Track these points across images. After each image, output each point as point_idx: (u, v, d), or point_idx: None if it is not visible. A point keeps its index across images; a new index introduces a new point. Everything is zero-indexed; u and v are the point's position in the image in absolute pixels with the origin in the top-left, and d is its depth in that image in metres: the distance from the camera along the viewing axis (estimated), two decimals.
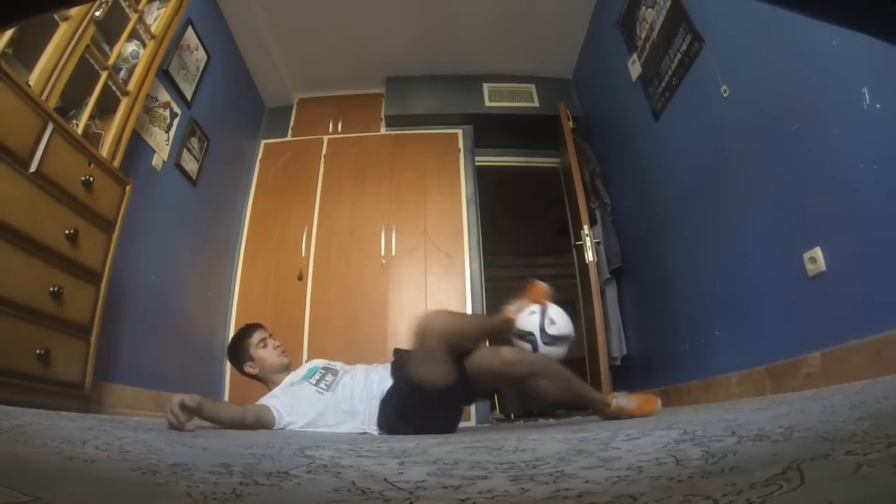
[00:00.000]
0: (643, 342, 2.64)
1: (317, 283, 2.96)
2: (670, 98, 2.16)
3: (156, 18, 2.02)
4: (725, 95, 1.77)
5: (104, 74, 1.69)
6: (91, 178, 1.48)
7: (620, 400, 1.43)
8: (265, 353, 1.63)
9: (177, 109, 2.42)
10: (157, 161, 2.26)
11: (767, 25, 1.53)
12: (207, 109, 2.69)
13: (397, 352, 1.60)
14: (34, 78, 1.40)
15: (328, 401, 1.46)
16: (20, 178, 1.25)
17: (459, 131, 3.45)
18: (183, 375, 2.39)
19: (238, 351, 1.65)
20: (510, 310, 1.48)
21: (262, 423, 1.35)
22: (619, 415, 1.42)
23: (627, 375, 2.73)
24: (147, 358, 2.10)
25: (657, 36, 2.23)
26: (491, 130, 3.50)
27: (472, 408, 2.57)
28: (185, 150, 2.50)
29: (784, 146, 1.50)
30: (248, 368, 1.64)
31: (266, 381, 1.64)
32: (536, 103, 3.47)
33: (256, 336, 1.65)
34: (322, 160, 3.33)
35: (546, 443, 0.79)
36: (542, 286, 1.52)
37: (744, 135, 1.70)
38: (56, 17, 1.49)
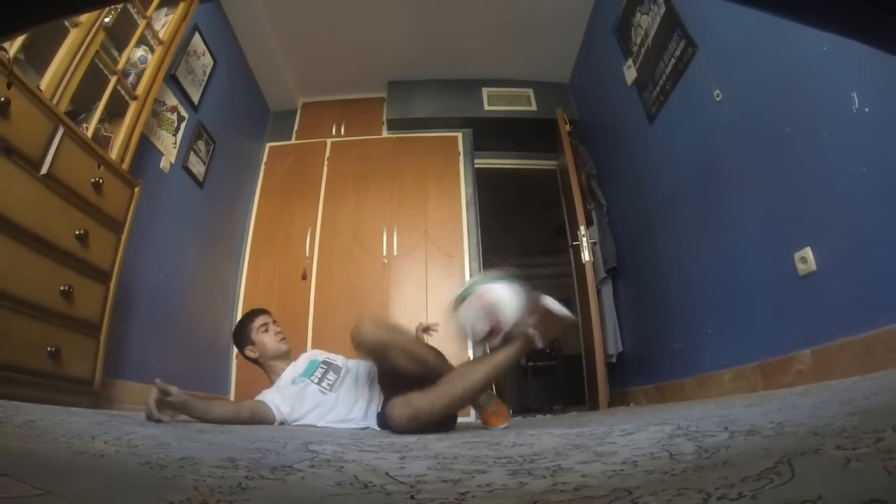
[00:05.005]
0: (638, 340, 2.67)
1: (320, 282, 3.00)
2: (664, 102, 2.19)
3: (163, 25, 2.06)
4: (718, 100, 1.80)
5: (113, 79, 1.72)
6: (100, 180, 1.51)
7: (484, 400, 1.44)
8: (265, 337, 1.61)
9: (184, 113, 2.46)
10: (164, 163, 2.30)
11: (759, 32, 1.55)
12: (214, 113, 2.73)
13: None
14: (45, 82, 1.43)
15: (332, 401, 1.46)
16: (32, 179, 1.28)
17: (459, 134, 3.48)
18: (190, 372, 2.42)
19: (240, 334, 1.65)
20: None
21: (259, 419, 1.33)
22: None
23: (623, 372, 2.75)
24: (155, 355, 2.12)
25: (652, 42, 2.26)
26: (490, 133, 3.53)
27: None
28: (191, 152, 2.53)
29: (775, 149, 1.52)
30: (248, 352, 1.62)
31: (266, 368, 1.62)
32: (534, 107, 3.51)
33: (259, 321, 1.64)
34: (325, 162, 3.37)
35: (543, 438, 0.81)
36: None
37: (736, 138, 1.72)
38: (66, 23, 1.51)
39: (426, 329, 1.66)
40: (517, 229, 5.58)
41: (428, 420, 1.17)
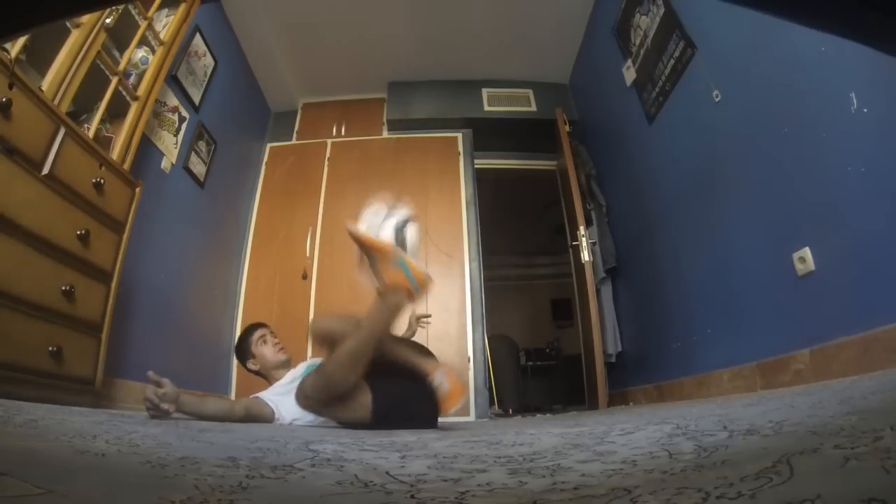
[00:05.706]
0: (637, 339, 2.67)
1: (321, 282, 3.01)
2: (664, 103, 2.20)
3: (164, 25, 2.07)
4: (717, 100, 1.81)
5: (115, 80, 1.73)
6: (102, 181, 1.52)
7: (439, 377, 1.34)
8: (264, 349, 1.71)
9: (185, 114, 2.46)
10: (165, 164, 2.31)
11: (758, 32, 1.56)
12: (215, 114, 2.74)
13: None
14: (47, 83, 1.43)
15: None
16: (33, 180, 1.28)
17: (459, 135, 3.49)
18: (191, 371, 2.43)
19: (241, 348, 1.74)
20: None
21: (255, 416, 1.36)
22: None
23: (622, 372, 2.76)
24: (156, 355, 2.13)
25: (651, 42, 2.27)
26: (490, 134, 3.54)
27: (472, 403, 2.60)
28: (192, 153, 2.54)
29: (774, 149, 1.53)
30: (251, 365, 1.72)
31: (268, 378, 1.70)
32: (534, 108, 3.52)
33: (256, 333, 1.73)
34: (326, 163, 3.38)
35: (543, 437, 0.81)
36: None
37: (735, 138, 1.73)
38: (68, 24, 1.52)
39: (419, 318, 1.77)
40: (517, 229, 5.60)
41: (317, 397, 1.21)
